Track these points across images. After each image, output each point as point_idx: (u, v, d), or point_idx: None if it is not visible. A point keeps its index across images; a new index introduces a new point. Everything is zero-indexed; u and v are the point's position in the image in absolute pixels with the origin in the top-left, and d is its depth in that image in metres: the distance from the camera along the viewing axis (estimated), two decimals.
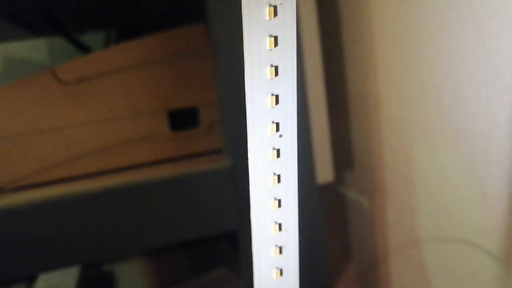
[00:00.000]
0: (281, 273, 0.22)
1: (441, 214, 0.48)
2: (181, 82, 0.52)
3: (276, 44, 0.19)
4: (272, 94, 0.19)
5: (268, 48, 0.19)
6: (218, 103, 0.49)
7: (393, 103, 0.52)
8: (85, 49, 0.70)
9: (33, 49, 0.81)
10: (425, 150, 0.48)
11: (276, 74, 0.19)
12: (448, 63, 0.43)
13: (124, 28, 0.77)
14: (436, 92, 0.45)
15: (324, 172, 0.57)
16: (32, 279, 0.60)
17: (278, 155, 0.20)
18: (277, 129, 0.20)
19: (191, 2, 0.58)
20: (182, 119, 0.52)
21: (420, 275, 0.53)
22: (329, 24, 0.59)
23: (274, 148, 0.20)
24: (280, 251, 0.22)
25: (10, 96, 0.49)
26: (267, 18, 0.18)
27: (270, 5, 0.18)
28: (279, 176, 0.21)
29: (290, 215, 0.21)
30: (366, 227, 0.61)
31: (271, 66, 0.19)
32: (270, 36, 0.18)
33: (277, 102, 0.19)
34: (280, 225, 0.21)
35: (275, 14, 0.18)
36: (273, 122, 0.20)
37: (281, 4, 0.18)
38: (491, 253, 0.43)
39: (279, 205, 0.21)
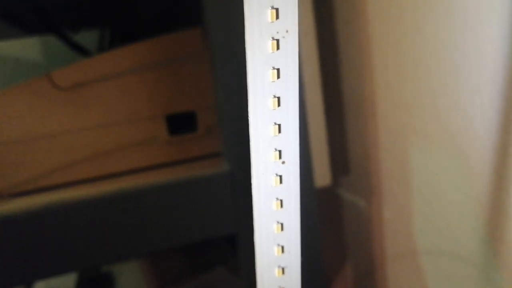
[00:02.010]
0: None
1: (436, 217, 0.49)
2: (178, 86, 0.52)
3: (278, 76, 0.19)
4: (275, 124, 0.20)
5: (271, 80, 0.19)
6: (216, 107, 0.49)
7: (389, 107, 0.52)
8: (78, 48, 0.70)
9: (26, 48, 0.80)
10: (420, 153, 0.49)
11: (279, 104, 0.19)
12: (443, 69, 0.44)
13: (118, 27, 0.77)
14: (432, 97, 0.46)
15: (322, 175, 0.57)
16: (31, 281, 0.61)
17: (281, 181, 0.21)
18: (280, 157, 0.20)
19: (188, 5, 0.58)
20: (180, 124, 0.52)
21: (417, 277, 0.54)
22: (325, 29, 0.59)
23: (277, 175, 0.21)
24: (283, 272, 0.22)
25: (6, 102, 0.49)
26: (270, 51, 0.19)
27: (273, 38, 0.18)
28: (281, 201, 0.21)
29: (293, 238, 0.22)
30: (363, 229, 0.62)
31: (274, 97, 0.19)
32: (273, 68, 0.19)
33: (279, 131, 0.20)
34: (283, 247, 0.22)
35: (278, 47, 0.19)
36: (276, 149, 0.20)
37: (283, 37, 0.18)
38: (486, 257, 0.44)
39: (282, 229, 0.21)
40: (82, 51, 0.70)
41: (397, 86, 0.50)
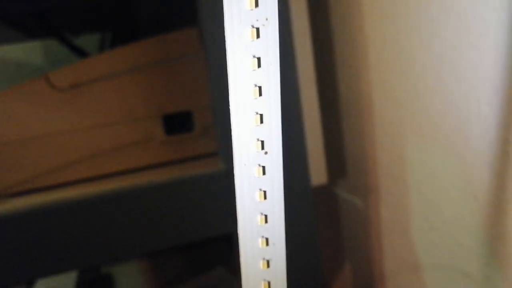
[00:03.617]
0: (269, 286, 0.22)
1: (433, 215, 0.48)
2: (174, 86, 0.52)
3: (259, 65, 0.19)
4: (257, 113, 0.20)
5: (251, 68, 0.19)
6: (212, 106, 0.49)
7: (385, 105, 0.52)
8: (79, 51, 0.71)
9: (27, 51, 0.81)
10: (417, 151, 0.48)
11: (260, 94, 0.19)
12: (439, 66, 0.43)
13: (118, 30, 0.77)
14: (428, 94, 0.45)
15: (318, 174, 0.57)
16: (30, 282, 0.61)
17: (264, 172, 0.21)
18: (262, 147, 0.20)
19: (183, 6, 0.58)
20: (176, 123, 0.52)
21: (413, 275, 0.53)
22: (321, 27, 0.59)
23: (260, 165, 0.20)
24: (268, 265, 0.22)
25: (4, 102, 0.49)
26: (250, 39, 0.19)
27: (252, 26, 0.18)
28: (265, 192, 0.21)
29: (277, 230, 0.22)
30: (360, 228, 0.62)
31: (255, 86, 0.19)
32: (253, 57, 0.19)
33: (261, 121, 0.20)
34: (267, 239, 0.22)
35: (258, 35, 0.18)
36: (258, 140, 0.20)
37: (263, 25, 0.18)
38: (482, 254, 0.43)
39: (266, 221, 0.21)
40: (83, 54, 0.71)
41: (392, 84, 0.50)
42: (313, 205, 0.50)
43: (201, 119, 0.53)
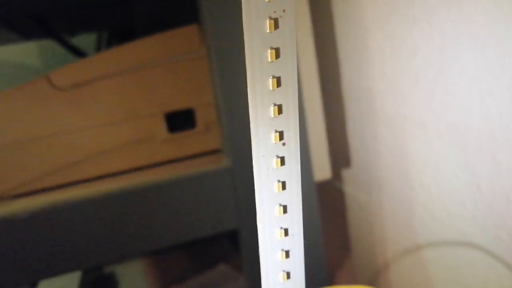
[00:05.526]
0: (288, 276, 0.23)
1: (436, 206, 0.49)
2: (176, 83, 0.52)
3: (277, 56, 0.19)
4: (275, 104, 0.20)
5: (269, 60, 0.19)
6: (215, 104, 0.50)
7: (387, 99, 0.52)
8: (76, 51, 0.70)
9: (24, 53, 0.80)
10: (419, 144, 0.49)
11: (278, 85, 0.19)
12: (440, 58, 0.44)
13: (115, 29, 0.77)
14: (429, 87, 0.46)
15: (322, 169, 0.57)
16: (34, 283, 0.61)
17: (282, 163, 0.21)
18: (281, 138, 0.20)
19: (184, 2, 0.58)
20: (179, 121, 0.52)
21: (419, 267, 0.54)
22: (322, 21, 0.59)
23: (278, 156, 0.21)
24: (287, 255, 0.22)
25: (5, 104, 0.49)
26: (268, 30, 0.19)
27: (270, 18, 0.19)
28: (283, 183, 0.21)
29: (295, 220, 0.22)
30: (364, 221, 0.62)
31: (273, 77, 0.19)
32: (271, 48, 0.19)
33: (280, 112, 0.20)
34: (286, 230, 0.22)
35: (276, 26, 0.19)
36: (276, 131, 0.20)
37: (280, 16, 0.19)
38: (485, 244, 0.44)
39: (285, 211, 0.21)
40: (80, 54, 0.71)
41: (394, 77, 0.50)
42: (317, 200, 0.50)
43: (204, 116, 0.53)
